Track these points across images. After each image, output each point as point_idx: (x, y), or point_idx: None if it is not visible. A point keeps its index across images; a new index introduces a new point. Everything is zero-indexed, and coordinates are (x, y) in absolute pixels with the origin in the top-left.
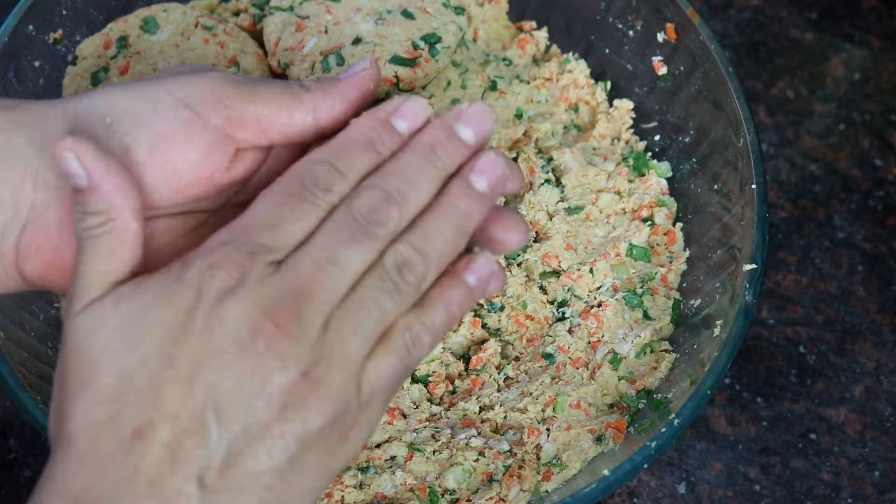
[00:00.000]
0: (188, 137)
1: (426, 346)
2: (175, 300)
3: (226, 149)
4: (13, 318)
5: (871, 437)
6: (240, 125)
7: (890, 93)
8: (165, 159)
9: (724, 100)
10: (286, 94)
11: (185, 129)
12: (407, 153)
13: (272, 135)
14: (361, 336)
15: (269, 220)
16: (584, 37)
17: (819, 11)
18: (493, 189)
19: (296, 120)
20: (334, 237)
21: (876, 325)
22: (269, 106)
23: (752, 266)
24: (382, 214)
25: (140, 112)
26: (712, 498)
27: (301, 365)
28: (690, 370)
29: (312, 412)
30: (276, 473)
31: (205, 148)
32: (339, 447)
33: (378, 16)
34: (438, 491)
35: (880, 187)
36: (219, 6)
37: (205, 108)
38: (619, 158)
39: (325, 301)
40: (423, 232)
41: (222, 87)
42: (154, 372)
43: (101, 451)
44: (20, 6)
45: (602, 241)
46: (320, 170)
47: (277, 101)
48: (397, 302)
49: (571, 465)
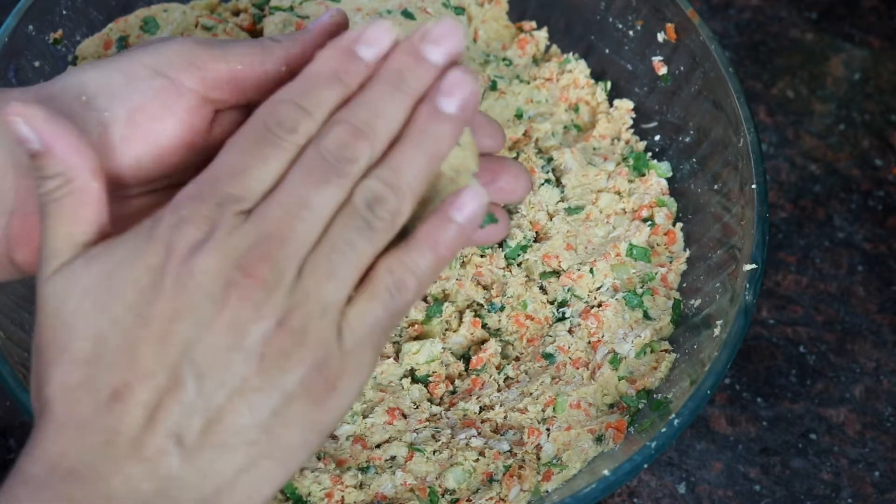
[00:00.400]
0: (165, 105)
1: (411, 290)
2: (145, 257)
3: (204, 112)
4: (13, 318)
5: (871, 437)
6: (214, 85)
7: (890, 93)
8: (145, 130)
9: (724, 100)
10: (257, 49)
11: (161, 97)
12: (374, 83)
13: (248, 92)
14: (336, 279)
15: (234, 167)
16: (584, 37)
17: (819, 11)
18: (463, 109)
19: (270, 73)
20: (303, 180)
21: (876, 325)
22: (242, 62)
23: (752, 266)
24: (352, 151)
25: (114, 86)
26: (712, 498)
27: (276, 314)
28: (690, 370)
29: (291, 361)
30: (260, 428)
31: (182, 113)
32: (326, 398)
33: (378, 16)
34: (438, 491)
35: (880, 187)
36: (219, 6)
37: (178, 72)
38: (619, 158)
39: (298, 247)
40: (392, 163)
41: (193, 50)
42: (127, 332)
43: (79, 416)
44: (20, 6)
45: (602, 241)
46: (284, 109)
47: (249, 57)
48: (371, 240)
49: (571, 465)
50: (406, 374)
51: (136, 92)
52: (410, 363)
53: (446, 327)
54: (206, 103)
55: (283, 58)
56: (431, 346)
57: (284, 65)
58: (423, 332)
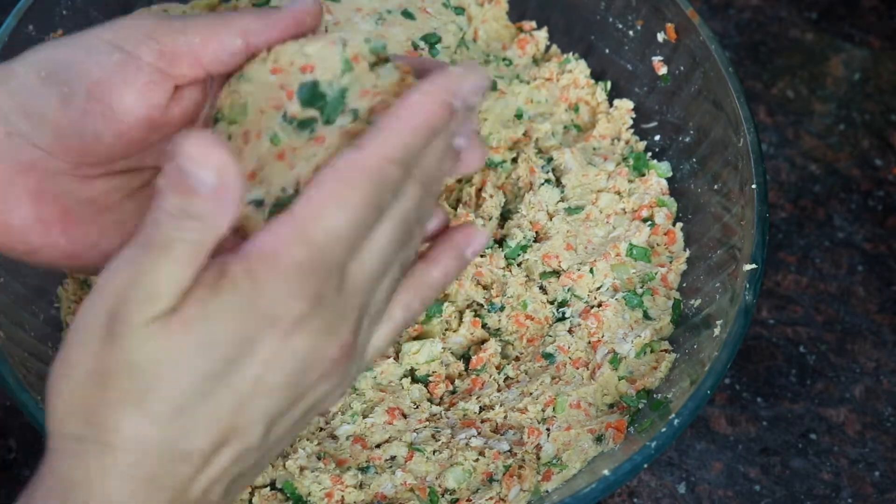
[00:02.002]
0: (123, 79)
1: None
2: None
3: (163, 86)
4: (13, 318)
5: (871, 437)
6: (173, 59)
7: (890, 93)
8: (104, 105)
9: (724, 100)
10: (216, 21)
11: (120, 72)
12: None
13: (207, 64)
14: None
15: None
16: (584, 37)
17: (819, 11)
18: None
19: (226, 44)
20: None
21: (876, 325)
22: (200, 34)
23: (752, 266)
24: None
25: (73, 61)
26: (712, 498)
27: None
28: (690, 370)
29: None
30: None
31: (140, 87)
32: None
33: (378, 16)
34: (438, 491)
35: (880, 187)
36: (219, 6)
37: (135, 46)
38: (619, 158)
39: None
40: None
41: (150, 24)
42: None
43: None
44: (20, 6)
45: (602, 241)
46: (395, 174)
47: (207, 29)
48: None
49: (571, 465)
50: (406, 374)
51: (94, 66)
52: (410, 363)
53: (446, 327)
54: (165, 78)
55: (242, 31)
56: (431, 346)
57: (242, 37)
58: (423, 331)
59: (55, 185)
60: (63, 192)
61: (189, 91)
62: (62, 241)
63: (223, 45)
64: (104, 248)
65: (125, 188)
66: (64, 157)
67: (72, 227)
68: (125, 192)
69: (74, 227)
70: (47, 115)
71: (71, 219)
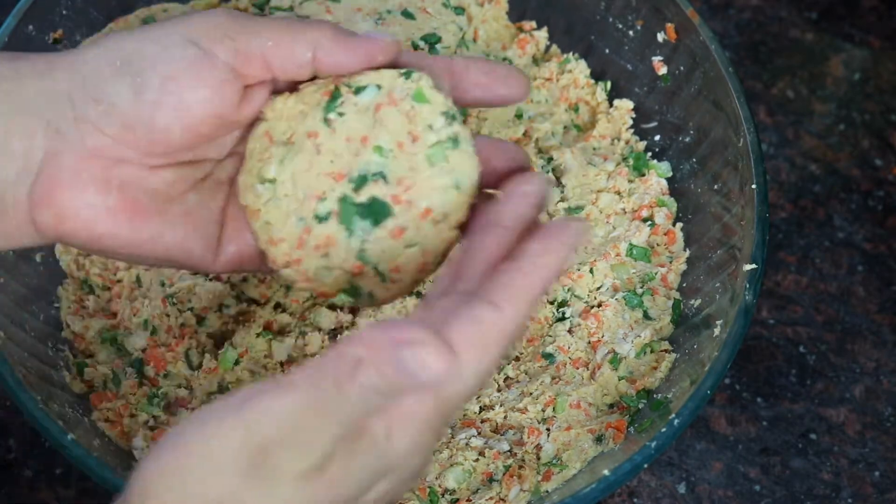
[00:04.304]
0: (198, 75)
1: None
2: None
3: (235, 85)
4: (13, 318)
5: (871, 437)
6: (246, 60)
7: (890, 93)
8: (176, 99)
9: (724, 100)
10: (289, 28)
11: (195, 67)
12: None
13: (275, 69)
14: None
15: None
16: (584, 37)
17: (819, 11)
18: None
19: (297, 54)
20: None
21: (876, 325)
22: (273, 38)
23: (752, 266)
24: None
25: (147, 53)
26: (712, 498)
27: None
28: (690, 370)
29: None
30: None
31: (215, 84)
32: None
33: (378, 16)
34: (438, 491)
35: (880, 187)
36: (219, 6)
37: (212, 43)
38: (619, 158)
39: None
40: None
41: (227, 23)
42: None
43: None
44: (20, 6)
45: (602, 241)
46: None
47: (280, 35)
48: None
49: (571, 465)
50: None
51: (169, 60)
52: None
53: None
54: (237, 77)
55: (312, 44)
56: None
57: (311, 50)
58: None
59: (121, 174)
60: (128, 181)
61: (258, 91)
62: (125, 230)
63: (294, 54)
64: (167, 241)
65: (189, 179)
66: (131, 146)
67: (137, 216)
68: (189, 183)
69: (139, 217)
70: (118, 104)
71: (136, 208)
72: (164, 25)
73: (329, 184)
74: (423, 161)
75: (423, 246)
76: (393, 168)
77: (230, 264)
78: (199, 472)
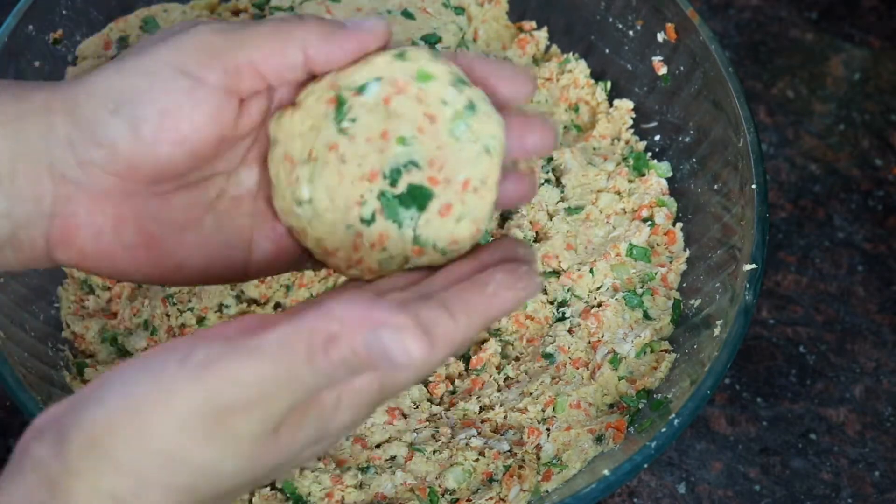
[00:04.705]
0: (194, 105)
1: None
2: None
3: (231, 105)
4: (13, 318)
5: (871, 437)
6: (237, 75)
7: (890, 93)
8: (175, 130)
9: (724, 100)
10: (276, 34)
11: (189, 98)
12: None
13: (269, 78)
14: None
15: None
16: (584, 37)
17: (819, 11)
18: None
19: (288, 59)
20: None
21: (876, 325)
22: (261, 49)
23: (752, 266)
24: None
25: (140, 90)
26: (712, 498)
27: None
28: (690, 370)
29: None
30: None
31: (211, 111)
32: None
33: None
34: (438, 491)
35: (880, 187)
36: (219, 6)
37: (200, 69)
38: (619, 158)
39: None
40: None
41: (212, 42)
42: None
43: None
44: (20, 6)
45: (602, 241)
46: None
47: (268, 43)
48: None
49: (571, 465)
50: None
51: (163, 94)
52: None
53: None
54: (231, 96)
55: (302, 44)
56: None
57: (302, 51)
58: None
59: (134, 209)
60: (143, 215)
61: (255, 102)
62: (146, 265)
63: (285, 59)
64: (188, 270)
65: (203, 201)
66: (139, 180)
67: (155, 249)
68: (203, 206)
69: (158, 250)
70: (119, 145)
71: (154, 242)
72: (150, 55)
73: (364, 186)
74: (448, 136)
75: (473, 215)
76: (421, 152)
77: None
78: (159, 428)
